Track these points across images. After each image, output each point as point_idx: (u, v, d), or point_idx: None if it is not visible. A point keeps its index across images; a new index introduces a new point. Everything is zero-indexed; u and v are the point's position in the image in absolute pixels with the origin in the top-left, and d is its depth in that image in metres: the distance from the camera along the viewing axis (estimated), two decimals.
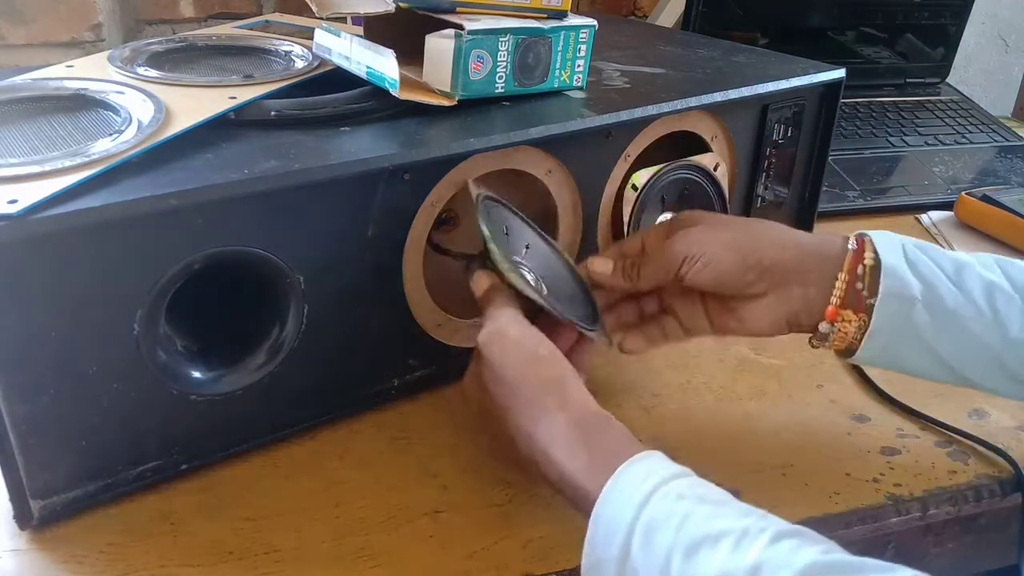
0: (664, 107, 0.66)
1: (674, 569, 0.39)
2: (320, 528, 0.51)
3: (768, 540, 0.39)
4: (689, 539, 0.40)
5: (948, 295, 0.53)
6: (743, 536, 0.39)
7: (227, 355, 0.55)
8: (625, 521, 0.42)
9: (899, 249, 0.54)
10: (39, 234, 0.43)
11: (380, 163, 0.53)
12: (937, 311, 0.53)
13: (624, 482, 0.43)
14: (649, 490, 0.42)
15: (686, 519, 0.41)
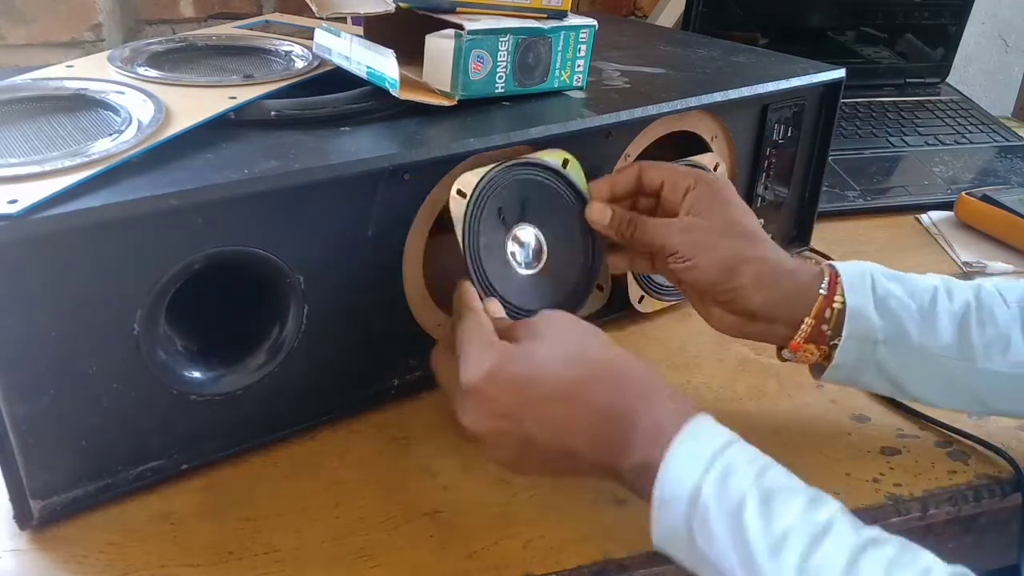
0: (664, 107, 0.66)
1: (748, 512, 0.41)
2: (320, 528, 0.51)
3: (839, 508, 0.42)
4: (766, 487, 0.42)
5: (914, 331, 0.54)
6: (816, 497, 0.42)
7: (227, 355, 0.55)
8: (701, 463, 0.43)
9: (868, 287, 0.55)
10: (39, 234, 0.43)
11: (380, 163, 0.53)
12: (901, 348, 0.55)
13: (696, 433, 0.45)
14: (726, 440, 0.44)
15: (764, 470, 0.43)
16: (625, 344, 0.71)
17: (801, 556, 0.40)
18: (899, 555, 0.40)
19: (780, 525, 0.41)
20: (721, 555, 0.42)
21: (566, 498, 0.54)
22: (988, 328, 0.55)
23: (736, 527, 0.41)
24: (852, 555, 0.39)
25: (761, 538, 0.40)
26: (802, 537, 0.40)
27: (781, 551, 0.40)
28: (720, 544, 0.42)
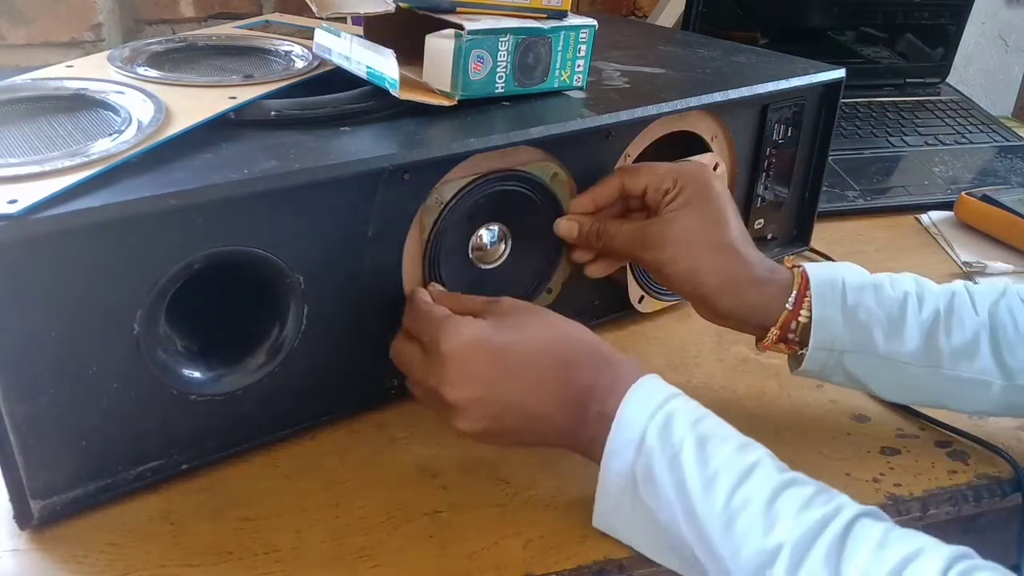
0: (664, 107, 0.66)
1: (685, 454, 0.45)
2: (320, 528, 0.51)
3: (766, 453, 0.46)
4: (702, 433, 0.46)
5: (881, 341, 0.56)
6: (746, 443, 0.47)
7: (227, 355, 0.55)
8: (647, 411, 0.48)
9: (838, 298, 0.57)
10: (39, 234, 0.43)
11: (380, 163, 0.53)
12: (868, 357, 0.57)
13: (647, 386, 0.49)
14: (670, 393, 0.49)
15: (701, 419, 0.47)
16: (625, 344, 0.72)
17: (728, 492, 0.44)
18: (816, 494, 0.44)
19: (712, 466, 0.45)
20: (661, 496, 0.46)
21: (566, 498, 0.54)
22: (956, 336, 0.56)
23: (674, 468, 0.46)
24: (773, 492, 0.43)
25: (696, 477, 0.45)
26: (730, 476, 0.44)
27: (712, 488, 0.44)
28: (660, 485, 0.46)
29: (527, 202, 0.63)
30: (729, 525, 0.44)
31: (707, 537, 0.44)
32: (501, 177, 0.61)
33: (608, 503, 0.50)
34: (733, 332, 0.61)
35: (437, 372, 0.51)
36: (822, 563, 0.41)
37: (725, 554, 0.44)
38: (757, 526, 0.43)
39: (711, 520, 0.44)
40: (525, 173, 0.62)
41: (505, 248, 0.65)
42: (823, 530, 0.42)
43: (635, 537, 0.50)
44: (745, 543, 0.43)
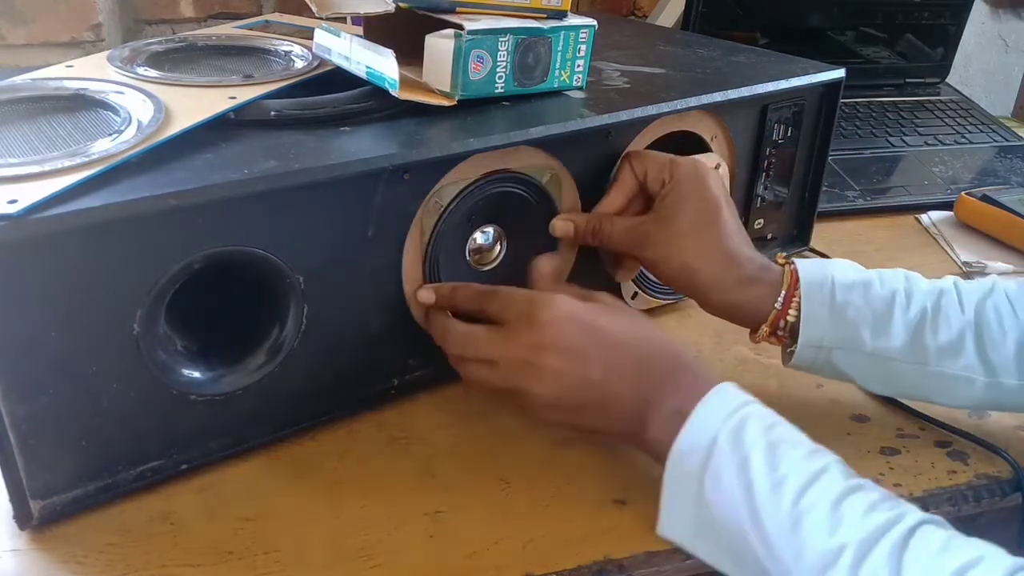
0: (664, 107, 0.66)
1: (754, 458, 0.46)
2: (320, 528, 0.51)
3: (835, 459, 0.47)
4: (773, 439, 0.47)
5: (868, 338, 0.58)
6: (817, 449, 0.48)
7: (227, 355, 0.55)
8: (723, 414, 0.49)
9: (826, 297, 0.58)
10: (39, 234, 0.43)
11: (380, 163, 0.53)
12: (855, 354, 0.59)
13: (724, 391, 0.50)
14: (746, 399, 0.50)
15: (774, 425, 0.48)
16: None
17: (796, 495, 0.45)
18: (881, 500, 0.45)
19: (781, 470, 0.46)
20: (727, 499, 0.47)
21: (566, 498, 0.54)
22: (941, 334, 0.57)
23: (743, 471, 0.46)
24: (839, 496, 0.44)
25: (764, 480, 0.46)
26: (798, 479, 0.45)
27: (779, 491, 0.45)
28: (728, 487, 0.47)
29: (524, 203, 0.63)
30: (795, 527, 0.44)
31: (771, 539, 0.45)
32: (499, 179, 0.61)
33: (673, 505, 0.50)
34: (732, 332, 0.62)
35: (524, 340, 0.52)
36: (884, 562, 0.42)
37: (788, 556, 0.44)
38: (822, 527, 0.44)
39: (777, 522, 0.45)
40: (522, 175, 0.62)
41: (501, 250, 0.65)
42: (887, 532, 0.42)
43: (699, 542, 0.49)
44: (809, 544, 0.44)
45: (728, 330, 0.62)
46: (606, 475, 0.57)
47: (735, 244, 0.60)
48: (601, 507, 0.54)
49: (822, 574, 0.43)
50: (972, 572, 0.40)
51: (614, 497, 0.55)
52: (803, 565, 0.44)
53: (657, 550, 0.51)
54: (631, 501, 0.54)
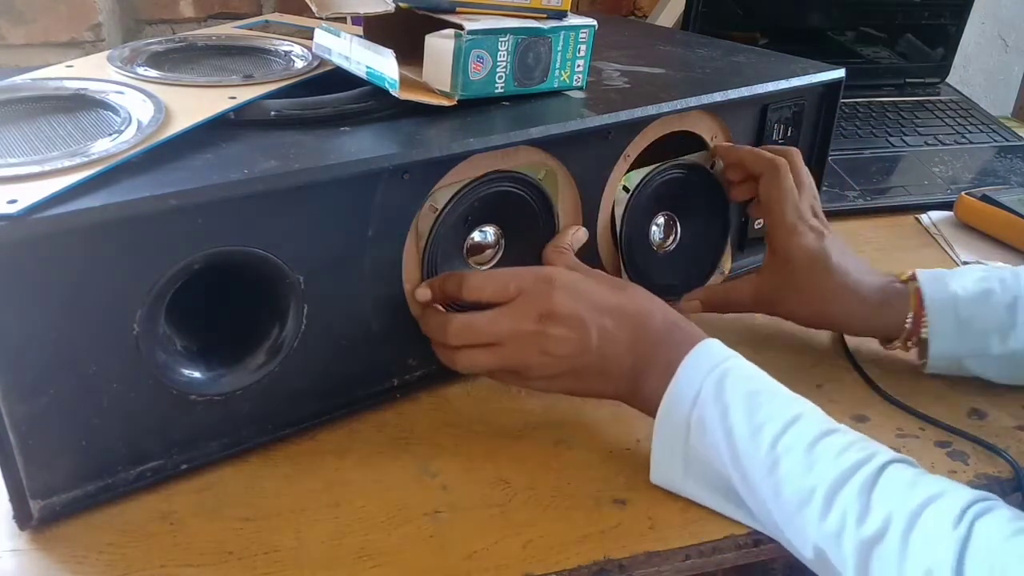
0: (664, 107, 0.66)
1: (735, 406, 0.50)
2: (320, 528, 0.51)
3: (812, 407, 0.51)
4: (753, 388, 0.52)
5: (996, 345, 0.63)
6: (794, 397, 0.52)
7: (227, 355, 0.55)
8: (707, 367, 0.53)
9: (951, 314, 0.63)
10: (39, 234, 0.43)
11: (380, 163, 0.53)
12: (986, 359, 0.64)
13: (708, 346, 0.54)
14: (729, 354, 0.54)
15: (754, 376, 0.53)
16: None
17: (773, 439, 0.49)
18: (855, 441, 0.48)
19: (759, 417, 0.50)
20: (711, 444, 0.51)
21: (566, 498, 0.54)
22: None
23: (724, 418, 0.50)
24: (814, 439, 0.48)
25: (744, 426, 0.50)
26: (775, 425, 0.49)
27: (758, 436, 0.49)
28: (711, 433, 0.51)
29: (520, 202, 0.63)
30: (772, 469, 0.48)
31: (751, 481, 0.49)
32: (495, 178, 0.61)
33: (663, 453, 0.54)
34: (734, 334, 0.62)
35: (534, 311, 0.55)
36: (855, 497, 0.45)
37: (767, 495, 0.49)
38: (797, 468, 0.48)
39: (756, 464, 0.49)
40: (517, 173, 0.62)
41: (499, 249, 0.65)
42: (858, 470, 0.46)
43: (688, 484, 0.53)
44: (785, 484, 0.48)
45: (729, 331, 0.62)
46: (606, 475, 0.57)
47: (853, 280, 0.65)
48: (601, 507, 0.54)
49: (799, 510, 0.47)
50: (935, 504, 0.44)
51: (614, 497, 0.55)
52: (781, 503, 0.48)
53: (657, 550, 0.51)
54: (631, 501, 0.54)
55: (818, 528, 0.46)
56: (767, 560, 0.52)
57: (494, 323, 0.56)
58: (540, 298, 0.55)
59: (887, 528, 0.44)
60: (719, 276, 0.77)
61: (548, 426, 0.61)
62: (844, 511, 0.45)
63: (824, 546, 0.46)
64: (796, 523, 0.48)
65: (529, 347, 0.55)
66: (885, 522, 0.44)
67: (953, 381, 0.67)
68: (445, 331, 0.57)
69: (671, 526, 0.53)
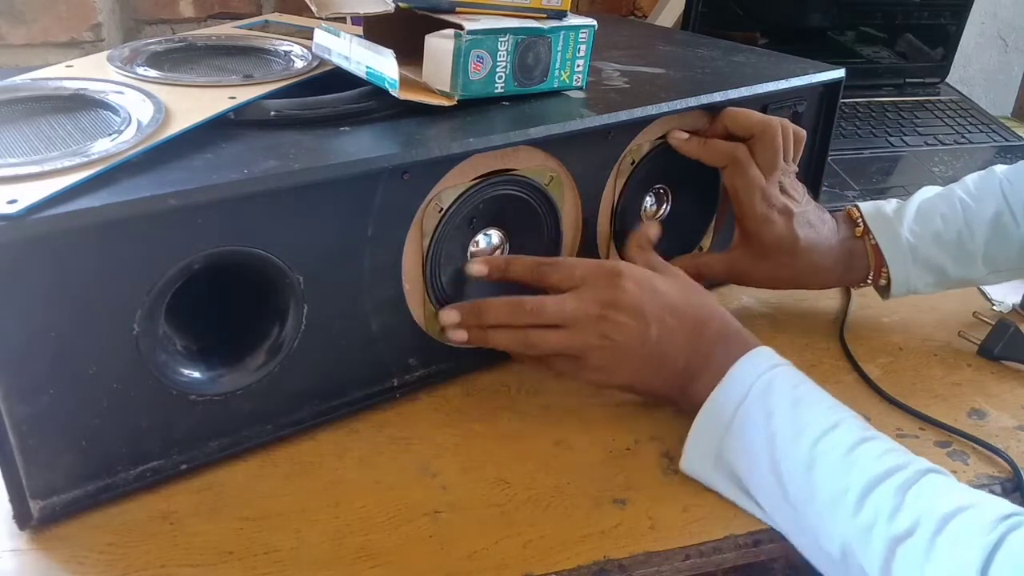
0: (664, 107, 0.66)
1: (779, 411, 0.53)
2: (320, 528, 0.51)
3: (853, 415, 0.53)
4: (798, 395, 0.54)
5: (952, 271, 0.71)
6: (836, 405, 0.54)
7: (227, 355, 0.55)
8: (756, 372, 0.55)
9: (907, 259, 0.70)
10: (39, 234, 0.43)
11: (380, 163, 0.53)
12: (946, 283, 0.72)
13: (759, 353, 0.57)
14: (779, 361, 0.56)
15: (800, 383, 0.55)
16: None
17: (812, 442, 0.50)
18: (893, 449, 0.50)
19: (802, 421, 0.52)
20: (750, 443, 0.52)
21: (566, 498, 0.54)
22: (1004, 255, 0.71)
23: (768, 421, 0.52)
24: (854, 443, 0.50)
25: (786, 430, 0.51)
26: (816, 429, 0.51)
27: (799, 439, 0.51)
28: (751, 433, 0.52)
29: (525, 206, 0.63)
30: (810, 468, 0.50)
31: (787, 480, 0.50)
32: (500, 182, 0.61)
33: (698, 444, 0.55)
34: None
35: (602, 298, 0.58)
36: (890, 495, 0.46)
37: (802, 495, 0.50)
38: (836, 468, 0.49)
39: (794, 465, 0.50)
40: (524, 177, 0.62)
41: (503, 253, 0.65)
42: (895, 472, 0.47)
43: (716, 476, 0.55)
44: (822, 483, 0.49)
45: None
46: (606, 475, 0.57)
47: (820, 253, 0.70)
48: (601, 507, 0.54)
49: (832, 508, 0.48)
50: (970, 511, 0.44)
51: (614, 497, 0.55)
52: (815, 501, 0.49)
53: (657, 550, 0.51)
54: (631, 501, 0.54)
55: (850, 523, 0.47)
56: (767, 560, 0.52)
57: (561, 304, 0.59)
58: (607, 287, 0.58)
59: (916, 527, 0.44)
60: (698, 252, 0.78)
61: (548, 426, 0.61)
62: (877, 507, 0.46)
63: (853, 542, 0.47)
64: (827, 520, 0.48)
65: (591, 330, 0.58)
66: (915, 521, 0.45)
67: (953, 381, 0.67)
68: (517, 310, 0.59)
69: (671, 526, 0.53)
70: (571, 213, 0.67)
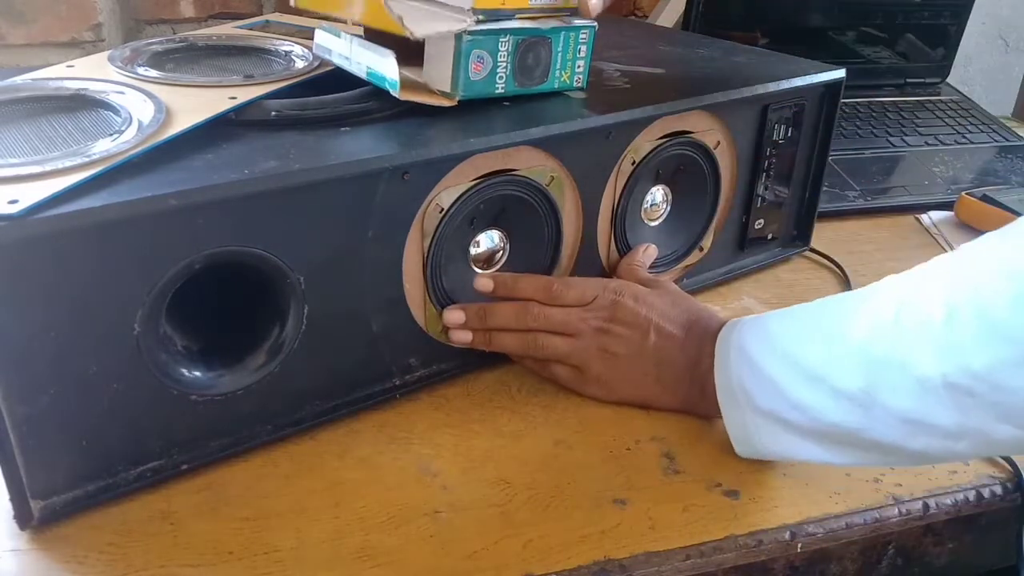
0: (664, 107, 0.66)
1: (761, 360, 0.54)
2: (320, 528, 0.51)
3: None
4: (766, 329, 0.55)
5: None
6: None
7: (227, 355, 0.55)
8: (727, 344, 0.56)
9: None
10: (39, 234, 0.43)
11: (380, 163, 0.53)
12: None
13: (729, 325, 0.58)
14: (735, 323, 0.58)
15: (758, 325, 0.56)
16: None
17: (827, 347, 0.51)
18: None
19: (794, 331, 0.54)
20: (767, 395, 0.53)
21: (566, 498, 0.54)
22: None
23: (754, 367, 0.54)
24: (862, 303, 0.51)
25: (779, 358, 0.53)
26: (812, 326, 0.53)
27: (808, 346, 0.52)
28: (761, 386, 0.54)
29: (526, 207, 0.63)
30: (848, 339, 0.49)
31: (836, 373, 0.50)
32: (501, 182, 0.61)
33: (736, 429, 0.56)
34: None
35: (605, 314, 0.62)
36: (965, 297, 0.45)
37: (865, 360, 0.48)
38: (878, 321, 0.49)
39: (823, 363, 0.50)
40: (525, 178, 0.62)
41: (504, 253, 0.65)
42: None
43: (772, 446, 0.55)
44: (876, 335, 0.48)
45: None
46: (606, 475, 0.57)
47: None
48: (601, 507, 0.54)
49: (919, 332, 0.46)
50: None
51: (614, 497, 0.55)
52: (895, 338, 0.47)
53: (657, 550, 0.51)
54: (631, 501, 0.54)
55: (946, 337, 0.45)
56: (767, 560, 0.52)
57: (567, 313, 0.62)
58: (609, 303, 0.62)
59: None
60: (698, 252, 0.77)
61: (548, 426, 0.61)
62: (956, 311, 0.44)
63: (956, 358, 0.44)
64: (922, 346, 0.46)
65: (593, 342, 0.61)
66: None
67: None
68: (524, 315, 0.62)
69: (671, 526, 0.53)
70: (572, 213, 0.67)
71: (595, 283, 0.64)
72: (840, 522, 0.54)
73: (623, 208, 0.70)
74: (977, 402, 0.44)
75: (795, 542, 0.53)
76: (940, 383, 0.45)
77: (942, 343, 0.45)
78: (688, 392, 0.60)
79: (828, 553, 0.54)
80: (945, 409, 0.45)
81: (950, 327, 0.45)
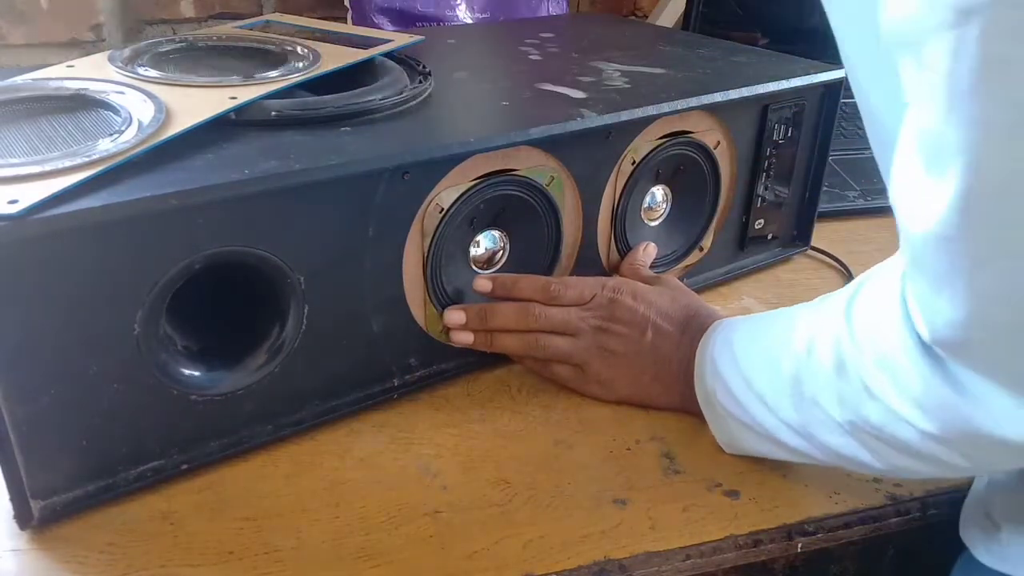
0: (664, 107, 0.66)
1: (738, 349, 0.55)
2: (320, 528, 0.52)
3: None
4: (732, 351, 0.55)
5: None
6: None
7: (227, 355, 0.55)
8: (705, 353, 0.57)
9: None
10: (40, 234, 0.43)
11: (380, 163, 0.53)
12: None
13: (712, 328, 0.59)
14: (713, 328, 0.59)
15: (728, 341, 0.57)
16: None
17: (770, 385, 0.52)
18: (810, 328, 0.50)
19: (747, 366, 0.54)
20: (730, 395, 0.54)
21: (566, 498, 0.54)
22: None
23: (718, 378, 0.55)
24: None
25: (740, 379, 0.54)
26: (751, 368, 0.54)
27: (752, 387, 0.53)
28: (727, 397, 0.55)
29: (526, 207, 0.63)
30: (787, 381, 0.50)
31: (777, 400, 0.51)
32: (501, 182, 0.61)
33: (717, 431, 0.57)
34: None
35: (604, 313, 0.62)
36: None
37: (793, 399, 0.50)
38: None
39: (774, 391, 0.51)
40: (524, 178, 0.62)
41: (504, 253, 0.65)
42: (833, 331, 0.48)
43: (756, 447, 0.55)
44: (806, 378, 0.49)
45: None
46: (606, 475, 0.57)
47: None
48: (601, 507, 0.54)
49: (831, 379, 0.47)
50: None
51: (614, 497, 0.55)
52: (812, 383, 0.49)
53: (657, 550, 0.51)
54: (631, 501, 0.54)
55: (840, 389, 0.46)
56: (767, 560, 0.53)
57: (567, 313, 0.62)
58: (608, 302, 0.62)
59: None
60: (698, 252, 0.77)
61: (548, 426, 0.61)
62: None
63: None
64: (827, 392, 0.47)
65: (593, 341, 0.62)
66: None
67: None
68: (525, 316, 0.62)
69: (671, 526, 0.53)
70: (571, 213, 0.67)
71: (593, 282, 0.64)
72: (840, 522, 0.54)
73: (623, 208, 0.70)
74: (889, 447, 0.45)
75: (795, 542, 0.53)
76: (850, 429, 0.47)
77: (840, 393, 0.46)
78: (684, 390, 0.60)
79: (828, 553, 0.54)
80: (868, 450, 0.47)
81: (843, 379, 0.46)
